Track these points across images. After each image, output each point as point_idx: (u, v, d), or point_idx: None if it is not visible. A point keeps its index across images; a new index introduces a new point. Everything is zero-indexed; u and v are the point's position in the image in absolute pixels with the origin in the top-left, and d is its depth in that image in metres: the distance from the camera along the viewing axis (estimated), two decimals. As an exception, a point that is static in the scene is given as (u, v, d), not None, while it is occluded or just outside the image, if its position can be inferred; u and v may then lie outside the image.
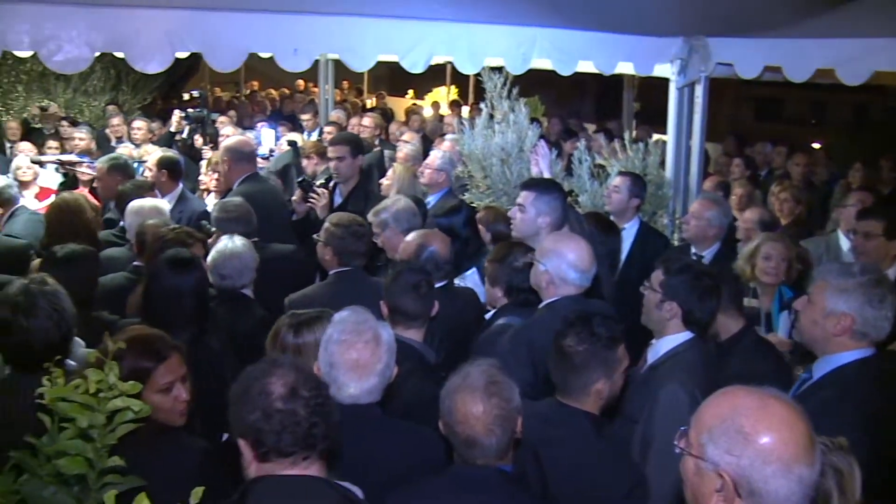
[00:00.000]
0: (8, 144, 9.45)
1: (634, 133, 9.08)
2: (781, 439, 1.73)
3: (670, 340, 3.41)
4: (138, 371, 2.63)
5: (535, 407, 2.98)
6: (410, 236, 4.46)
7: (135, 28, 4.64)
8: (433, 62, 5.71)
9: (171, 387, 2.76)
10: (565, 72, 6.24)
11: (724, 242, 5.27)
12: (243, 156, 6.07)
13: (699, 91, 6.74)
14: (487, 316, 4.30)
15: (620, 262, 5.24)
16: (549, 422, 2.94)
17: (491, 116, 6.33)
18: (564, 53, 6.15)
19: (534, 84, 6.48)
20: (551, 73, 6.38)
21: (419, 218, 5.05)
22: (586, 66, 6.44)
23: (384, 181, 6.51)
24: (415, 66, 5.51)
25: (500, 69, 6.33)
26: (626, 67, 6.78)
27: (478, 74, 6.42)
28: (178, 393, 2.79)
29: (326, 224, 4.55)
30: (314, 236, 4.67)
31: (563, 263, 3.64)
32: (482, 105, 6.50)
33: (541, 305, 3.74)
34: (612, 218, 5.42)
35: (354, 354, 2.76)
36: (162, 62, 4.77)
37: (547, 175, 4.90)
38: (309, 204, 5.71)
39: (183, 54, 5.17)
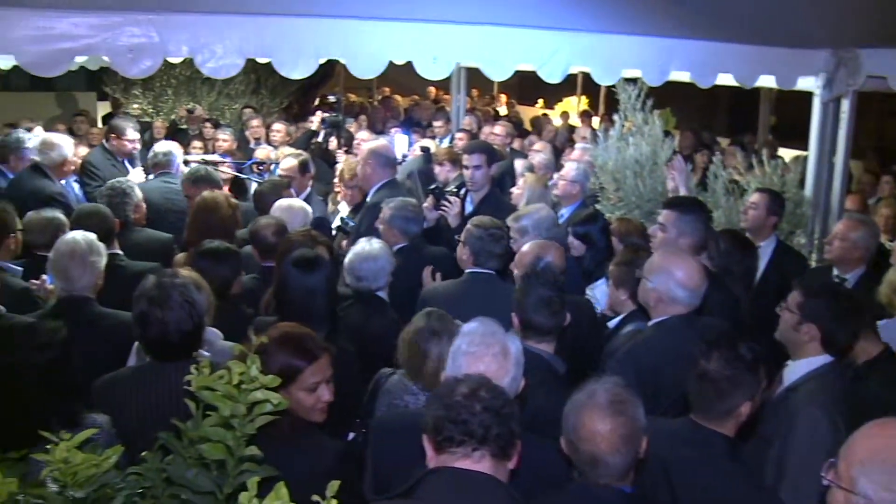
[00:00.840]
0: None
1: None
2: (947, 480, 1.63)
3: (808, 363, 3.31)
4: (289, 368, 2.72)
5: (669, 426, 2.92)
6: (526, 247, 4.42)
7: (282, 36, 4.83)
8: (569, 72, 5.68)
9: (316, 387, 2.83)
10: (704, 84, 6.09)
11: (869, 266, 5.00)
12: (387, 161, 6.20)
13: (845, 106, 6.45)
14: (612, 323, 4.23)
15: (756, 280, 5.07)
16: (683, 443, 2.86)
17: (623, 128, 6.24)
18: (703, 66, 6.00)
19: (665, 95, 6.34)
20: (683, 85, 6.23)
21: (558, 228, 5.01)
22: (725, 79, 6.25)
23: (515, 190, 6.48)
24: (552, 76, 5.49)
25: (634, 80, 6.22)
26: (767, 80, 6.54)
27: (611, 85, 6.33)
28: (322, 393, 2.84)
29: (468, 225, 4.57)
30: (456, 237, 4.69)
31: (671, 282, 3.53)
32: (615, 116, 6.41)
33: (649, 324, 3.66)
34: (748, 235, 5.24)
35: (482, 367, 2.74)
36: (305, 69, 4.94)
37: (683, 191, 4.79)
38: (440, 211, 5.76)
39: (322, 60, 5.33)
